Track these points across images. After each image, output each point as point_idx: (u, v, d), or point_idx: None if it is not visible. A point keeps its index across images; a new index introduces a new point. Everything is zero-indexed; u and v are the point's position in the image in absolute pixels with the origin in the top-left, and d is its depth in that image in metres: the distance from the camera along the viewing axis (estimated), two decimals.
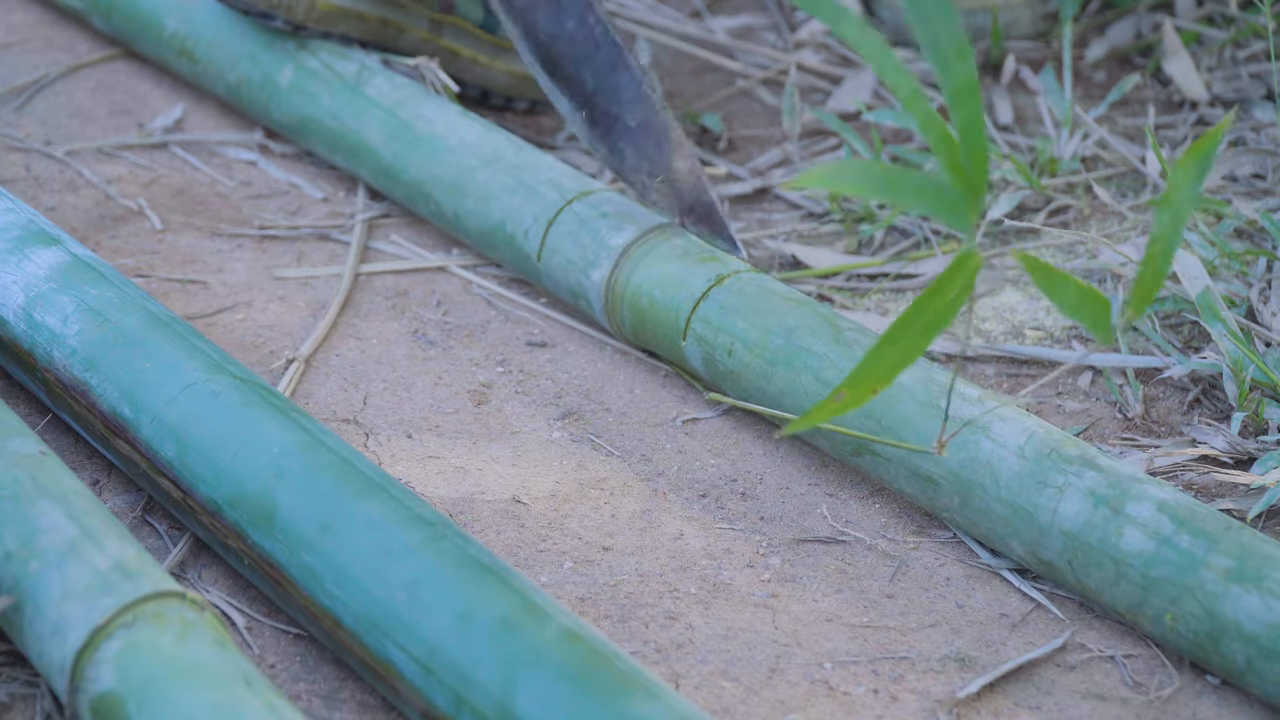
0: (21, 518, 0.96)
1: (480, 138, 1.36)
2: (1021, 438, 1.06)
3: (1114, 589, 1.01)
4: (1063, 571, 1.04)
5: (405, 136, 1.38)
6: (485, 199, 1.32)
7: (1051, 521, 1.03)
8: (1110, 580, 1.01)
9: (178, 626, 0.90)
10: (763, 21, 1.71)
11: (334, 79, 1.43)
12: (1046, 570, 1.05)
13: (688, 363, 1.22)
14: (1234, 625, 0.96)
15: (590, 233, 1.26)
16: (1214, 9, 1.63)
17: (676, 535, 1.12)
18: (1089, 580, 1.02)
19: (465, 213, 1.33)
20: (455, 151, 1.35)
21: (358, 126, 1.41)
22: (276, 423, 1.05)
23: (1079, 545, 1.02)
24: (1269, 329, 1.23)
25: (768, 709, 0.99)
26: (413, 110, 1.39)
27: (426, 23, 1.49)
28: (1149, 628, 1.01)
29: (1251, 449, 1.15)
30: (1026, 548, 1.05)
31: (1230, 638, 0.97)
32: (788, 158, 1.50)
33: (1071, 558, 1.02)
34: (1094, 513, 1.02)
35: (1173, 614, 0.99)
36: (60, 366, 1.13)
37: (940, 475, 1.07)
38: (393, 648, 0.94)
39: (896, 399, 1.09)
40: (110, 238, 1.39)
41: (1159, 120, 1.52)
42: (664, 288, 1.22)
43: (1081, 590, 1.04)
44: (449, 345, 1.29)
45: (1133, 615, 1.01)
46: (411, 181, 1.37)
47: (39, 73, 1.61)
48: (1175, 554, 0.99)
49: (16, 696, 0.98)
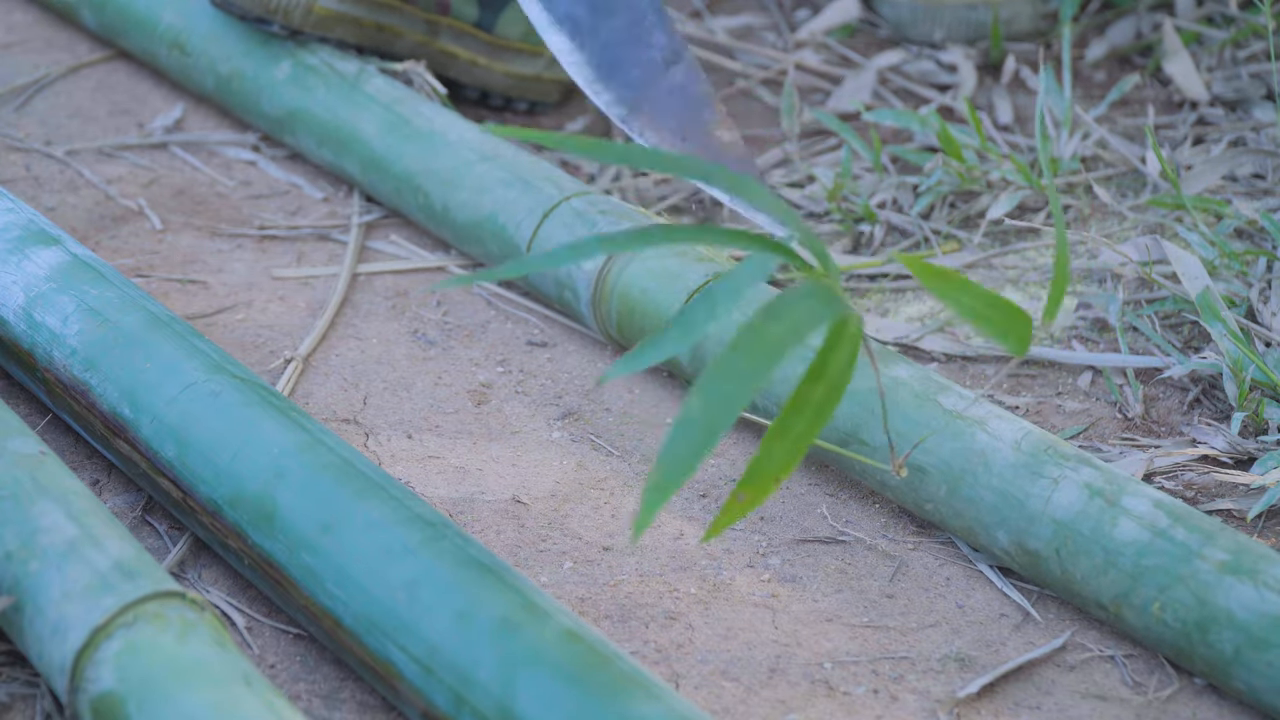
0: (21, 518, 0.96)
1: (480, 136, 1.36)
2: (1019, 434, 1.06)
3: (1100, 578, 1.01)
4: (1047, 561, 1.04)
5: (402, 130, 1.38)
6: (480, 191, 1.31)
7: (1043, 510, 1.03)
8: (1098, 569, 1.01)
9: (178, 626, 0.90)
10: (763, 21, 1.71)
11: (333, 75, 1.43)
12: (1029, 562, 1.05)
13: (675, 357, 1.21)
14: (1225, 614, 0.96)
15: (587, 225, 1.26)
16: (1214, 9, 1.63)
17: (676, 535, 1.12)
18: (1075, 569, 1.02)
19: (456, 205, 1.33)
20: (454, 146, 1.35)
21: (351, 119, 1.41)
22: (276, 423, 1.05)
23: (1070, 534, 1.02)
24: (1269, 329, 1.23)
25: (768, 709, 0.99)
26: (412, 107, 1.40)
27: (423, 25, 1.49)
28: (1132, 619, 1.01)
29: (1251, 449, 1.15)
30: (1012, 537, 1.05)
31: (1221, 626, 0.97)
32: (788, 158, 1.50)
33: (1060, 546, 1.02)
34: (1089, 503, 1.02)
35: (1160, 603, 0.99)
36: (60, 366, 1.13)
37: (930, 464, 1.07)
38: (393, 648, 0.94)
39: (894, 392, 1.09)
40: (110, 238, 1.39)
41: (1159, 120, 1.52)
42: (659, 280, 1.22)
43: (1064, 581, 1.03)
44: (449, 345, 1.29)
45: (1116, 606, 1.01)
46: (402, 173, 1.37)
47: (39, 73, 1.61)
48: (1170, 545, 0.99)
49: (16, 696, 0.98)
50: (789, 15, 1.72)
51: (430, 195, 1.35)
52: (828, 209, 1.42)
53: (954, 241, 1.40)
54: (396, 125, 1.39)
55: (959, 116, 1.53)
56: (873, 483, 1.12)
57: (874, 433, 1.10)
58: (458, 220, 1.33)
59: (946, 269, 0.90)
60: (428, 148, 1.36)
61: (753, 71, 1.63)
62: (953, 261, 1.36)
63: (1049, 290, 0.94)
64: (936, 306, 1.33)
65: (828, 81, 1.61)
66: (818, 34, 1.67)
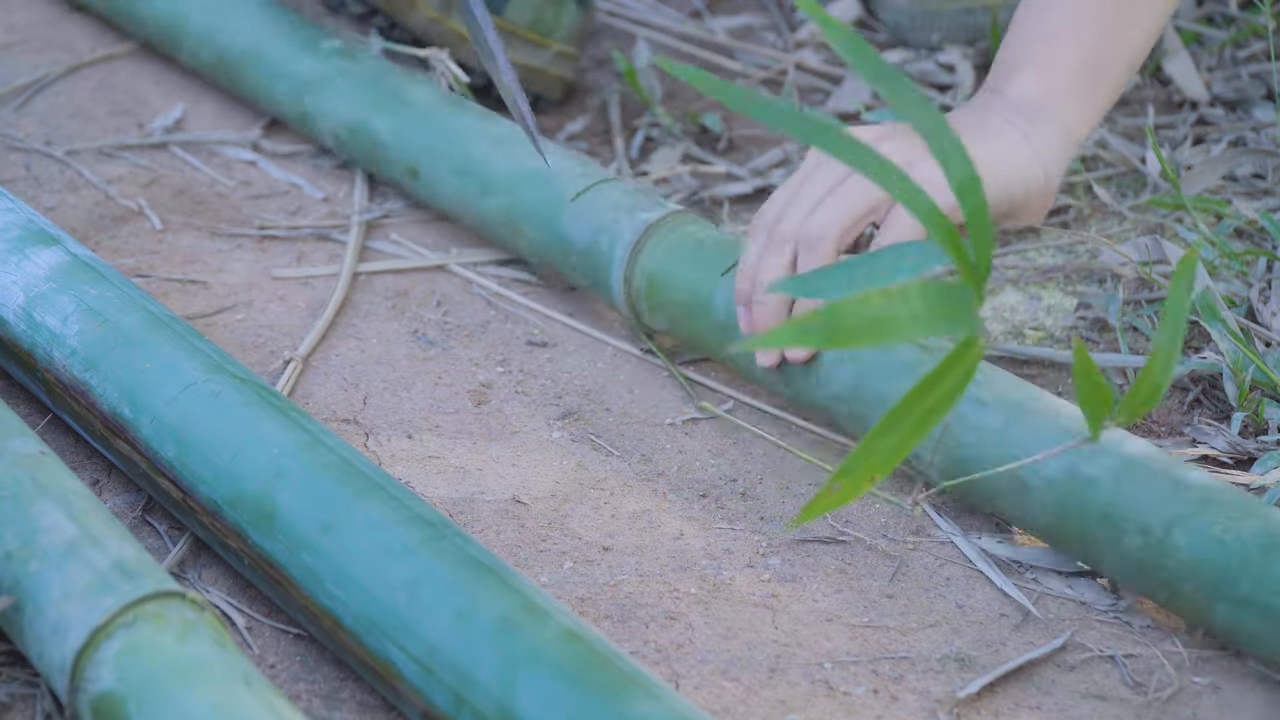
0: (21, 518, 0.96)
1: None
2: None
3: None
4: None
5: (459, 103, 1.40)
6: (534, 155, 1.30)
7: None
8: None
9: (178, 626, 0.90)
10: (763, 21, 1.71)
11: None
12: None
13: (715, 311, 1.20)
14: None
15: (647, 194, 1.26)
16: (1214, 9, 1.63)
17: (676, 535, 1.12)
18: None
19: (501, 157, 1.33)
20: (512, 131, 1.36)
21: (403, 91, 1.42)
22: (276, 423, 1.05)
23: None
24: (1269, 329, 1.23)
25: (768, 709, 0.99)
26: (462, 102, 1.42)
27: (438, 1, 1.49)
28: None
29: (1251, 449, 1.15)
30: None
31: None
32: (788, 158, 1.50)
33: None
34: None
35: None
36: (60, 366, 1.13)
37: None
38: (393, 648, 0.94)
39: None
40: (110, 238, 1.39)
41: (1159, 120, 1.52)
42: (718, 237, 1.21)
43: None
44: (449, 345, 1.29)
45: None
46: (451, 130, 1.37)
47: (39, 73, 1.61)
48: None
49: (16, 696, 0.98)
50: (789, 15, 1.72)
51: (470, 152, 1.36)
52: None
53: None
54: (452, 99, 1.41)
55: None
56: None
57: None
58: (500, 171, 1.33)
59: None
60: (480, 116, 1.38)
61: (753, 71, 1.63)
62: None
63: (1138, 382, 0.94)
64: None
65: (828, 81, 1.61)
66: (818, 34, 1.67)
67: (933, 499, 1.14)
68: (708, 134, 1.54)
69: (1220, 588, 0.97)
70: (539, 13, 1.52)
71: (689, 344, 1.24)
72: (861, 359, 1.11)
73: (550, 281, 1.36)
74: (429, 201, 1.39)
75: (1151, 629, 1.04)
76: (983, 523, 1.12)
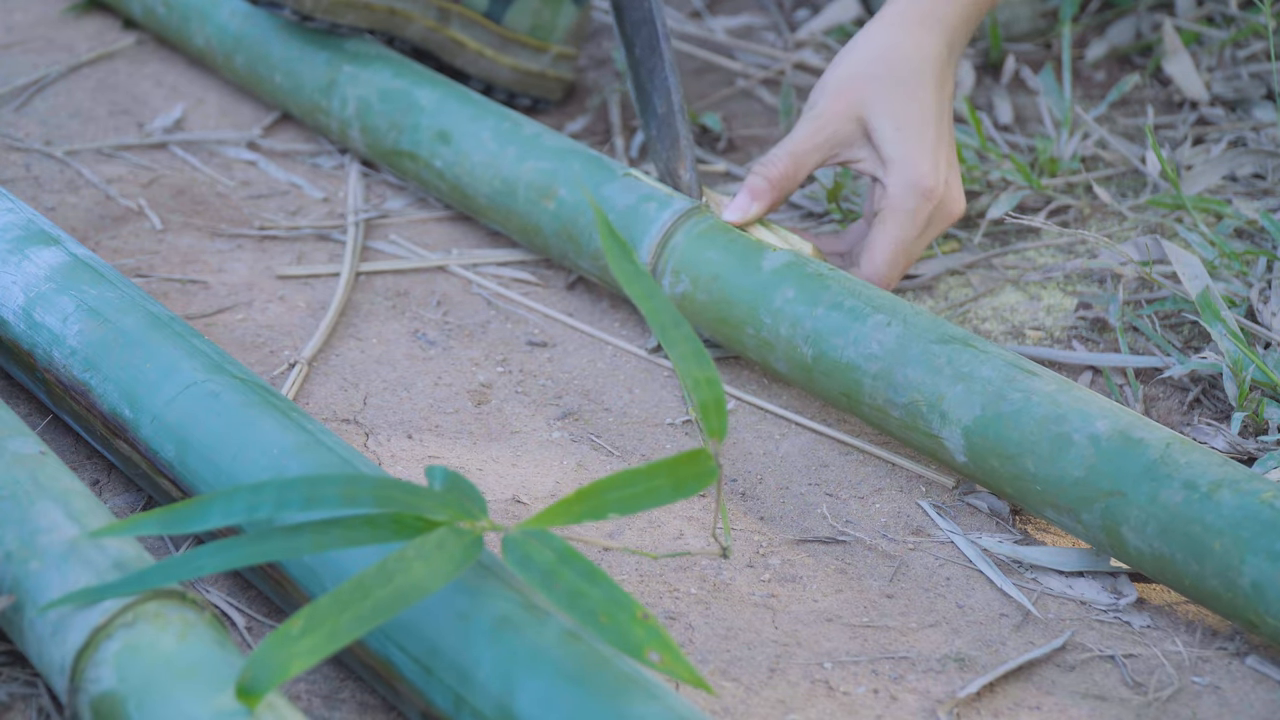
0: (21, 518, 0.96)
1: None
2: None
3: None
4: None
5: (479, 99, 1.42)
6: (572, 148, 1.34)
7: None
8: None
9: (178, 626, 0.90)
10: (763, 21, 1.71)
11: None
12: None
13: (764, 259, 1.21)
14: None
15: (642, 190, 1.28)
16: (1214, 9, 1.63)
17: (676, 535, 1.12)
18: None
19: (538, 133, 1.34)
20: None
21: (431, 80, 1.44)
22: (276, 423, 1.05)
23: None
24: (1269, 329, 1.23)
25: (768, 709, 0.99)
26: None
27: (435, 12, 1.49)
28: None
29: (1251, 449, 1.15)
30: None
31: None
32: None
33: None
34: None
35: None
36: (60, 367, 1.13)
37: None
38: (393, 648, 0.94)
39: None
40: (110, 238, 1.39)
41: (1159, 120, 1.52)
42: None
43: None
44: (449, 345, 1.29)
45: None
46: (494, 107, 1.38)
47: (39, 73, 1.61)
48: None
49: (16, 696, 0.98)
50: (789, 15, 1.72)
51: (502, 124, 1.37)
52: (827, 209, 1.43)
53: (954, 241, 1.40)
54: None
55: (959, 116, 1.53)
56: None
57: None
58: (545, 145, 1.34)
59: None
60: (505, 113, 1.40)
61: (753, 71, 1.63)
62: (953, 261, 1.37)
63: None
64: (933, 306, 1.33)
65: None
66: (818, 34, 1.67)
67: (933, 499, 1.14)
68: (708, 134, 1.54)
69: (1258, 542, 0.97)
70: (537, 17, 1.52)
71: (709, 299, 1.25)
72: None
73: (550, 281, 1.36)
74: (443, 172, 1.38)
75: (1151, 629, 1.04)
76: (983, 522, 1.12)
